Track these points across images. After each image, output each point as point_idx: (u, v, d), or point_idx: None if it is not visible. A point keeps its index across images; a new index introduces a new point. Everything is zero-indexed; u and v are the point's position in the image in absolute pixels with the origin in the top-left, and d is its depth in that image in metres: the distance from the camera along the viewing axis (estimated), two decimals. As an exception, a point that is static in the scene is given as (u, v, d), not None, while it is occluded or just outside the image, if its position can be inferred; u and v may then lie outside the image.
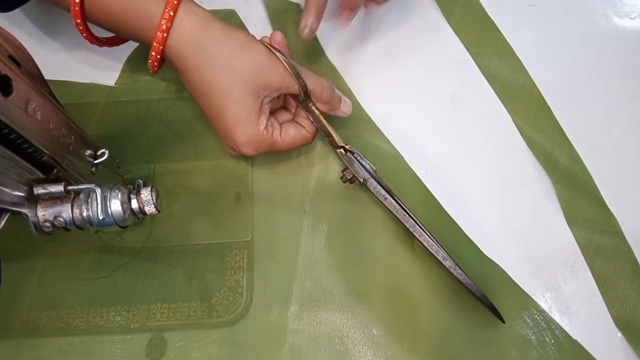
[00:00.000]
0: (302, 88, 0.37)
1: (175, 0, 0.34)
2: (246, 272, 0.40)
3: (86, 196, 0.30)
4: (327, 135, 0.40)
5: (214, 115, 0.37)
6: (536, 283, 0.40)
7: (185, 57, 0.35)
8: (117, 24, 0.36)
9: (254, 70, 0.36)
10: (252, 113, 0.36)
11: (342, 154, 0.40)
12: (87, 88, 0.45)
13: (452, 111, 0.45)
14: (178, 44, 0.35)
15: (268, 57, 0.36)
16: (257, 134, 0.37)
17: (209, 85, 0.36)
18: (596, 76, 0.46)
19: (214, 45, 0.35)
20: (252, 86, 0.36)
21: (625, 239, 0.41)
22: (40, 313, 0.38)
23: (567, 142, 0.43)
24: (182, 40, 0.35)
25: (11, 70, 0.26)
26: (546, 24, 0.48)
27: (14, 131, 0.26)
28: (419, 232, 0.38)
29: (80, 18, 0.36)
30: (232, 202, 0.42)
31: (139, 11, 0.35)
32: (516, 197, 0.42)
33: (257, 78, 0.36)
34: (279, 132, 0.38)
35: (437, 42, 0.47)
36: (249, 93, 0.36)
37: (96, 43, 0.39)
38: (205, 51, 0.35)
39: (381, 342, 0.38)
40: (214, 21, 0.36)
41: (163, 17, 0.34)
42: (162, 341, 0.38)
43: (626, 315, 0.39)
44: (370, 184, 0.39)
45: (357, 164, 0.39)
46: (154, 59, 0.36)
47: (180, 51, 0.35)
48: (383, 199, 0.39)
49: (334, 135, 0.40)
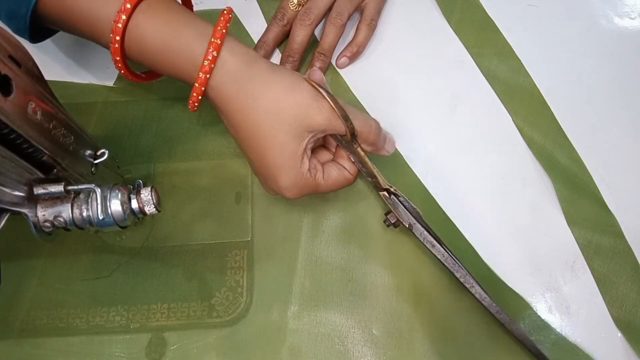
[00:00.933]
0: (350, 130, 0.35)
1: (218, 40, 0.33)
2: (246, 272, 0.40)
3: (86, 196, 0.30)
4: (370, 177, 0.37)
5: (256, 158, 0.36)
6: (536, 283, 0.40)
7: (228, 99, 0.34)
8: (157, 62, 0.35)
9: (300, 112, 0.34)
10: (296, 156, 0.35)
11: (386, 197, 0.37)
12: (86, 88, 0.45)
13: (452, 111, 0.45)
14: (220, 86, 0.34)
15: (314, 98, 0.34)
16: (301, 177, 0.35)
17: (251, 128, 0.34)
18: (596, 76, 0.46)
19: (257, 87, 0.34)
20: (297, 129, 0.34)
21: (625, 239, 0.41)
22: (40, 313, 0.38)
23: (567, 142, 0.43)
24: (224, 81, 0.34)
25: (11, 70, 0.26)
26: (546, 24, 0.48)
27: (14, 131, 0.26)
28: (470, 283, 0.36)
29: (119, 55, 0.34)
30: (232, 202, 0.42)
31: (181, 50, 0.33)
32: (516, 197, 0.42)
33: (302, 120, 0.34)
34: (322, 175, 0.37)
35: (437, 42, 0.47)
36: (293, 136, 0.34)
37: (133, 79, 0.38)
38: (249, 93, 0.34)
39: (381, 342, 0.38)
40: (257, 60, 0.35)
41: (206, 57, 0.33)
42: (162, 341, 0.38)
43: (626, 315, 0.39)
44: (416, 230, 0.37)
45: (402, 208, 0.37)
46: (194, 100, 0.35)
47: (222, 92, 0.34)
48: (430, 247, 0.37)
49: (378, 177, 0.37)
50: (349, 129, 0.35)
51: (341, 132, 0.35)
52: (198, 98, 0.34)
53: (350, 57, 0.46)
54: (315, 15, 0.44)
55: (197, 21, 0.34)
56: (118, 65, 0.35)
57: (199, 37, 0.33)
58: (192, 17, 0.35)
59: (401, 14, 0.48)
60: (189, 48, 0.33)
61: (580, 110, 0.45)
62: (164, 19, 0.34)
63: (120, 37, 0.33)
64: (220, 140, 0.44)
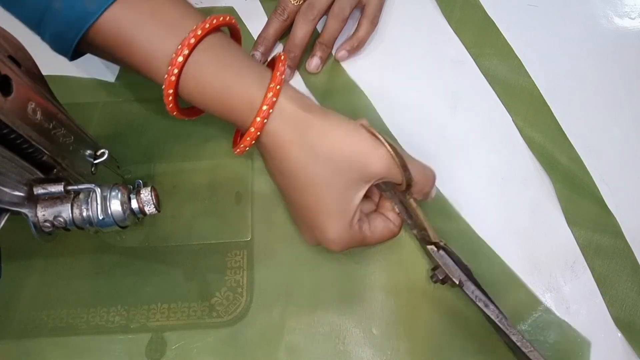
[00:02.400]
0: (407, 180, 0.33)
1: (277, 86, 0.32)
2: (246, 272, 0.40)
3: (86, 196, 0.30)
4: (420, 229, 0.35)
5: (305, 207, 0.34)
6: (536, 283, 0.40)
7: (283, 146, 0.33)
8: (211, 102, 0.33)
9: (358, 161, 0.32)
10: (350, 206, 0.33)
11: (434, 251, 0.35)
12: (88, 85, 0.45)
13: (452, 111, 0.45)
14: (277, 131, 0.32)
15: (374, 146, 0.32)
16: (349, 229, 0.33)
17: (305, 176, 0.33)
18: (596, 76, 0.46)
19: (315, 135, 0.32)
20: (355, 178, 0.33)
21: (625, 239, 0.40)
22: (40, 313, 0.38)
23: (567, 142, 0.43)
24: (281, 127, 0.32)
25: (11, 70, 0.26)
26: (546, 24, 0.48)
27: (14, 131, 0.26)
28: (528, 347, 0.33)
29: (173, 89, 0.32)
30: (232, 202, 0.42)
31: (239, 93, 0.32)
32: (516, 197, 0.42)
33: (361, 169, 0.32)
34: (368, 226, 0.35)
35: (437, 42, 0.47)
36: (350, 185, 0.33)
37: (179, 115, 0.36)
38: (306, 141, 0.32)
39: (381, 342, 0.38)
40: (313, 107, 0.33)
41: (264, 102, 0.32)
42: (162, 341, 0.38)
43: (626, 315, 0.39)
44: (467, 288, 0.35)
45: (452, 263, 0.35)
46: (247, 144, 0.33)
47: (278, 139, 0.33)
48: (483, 306, 0.34)
49: (429, 230, 0.35)
50: (406, 179, 0.33)
51: (398, 181, 0.33)
52: (251, 143, 0.33)
53: (350, 50, 0.46)
54: (318, 10, 0.44)
55: (254, 65, 0.34)
56: (168, 99, 0.33)
57: (258, 81, 0.32)
58: (249, 60, 0.34)
59: (401, 14, 0.49)
60: (248, 92, 0.32)
61: (580, 110, 0.45)
62: (225, 61, 0.32)
63: (179, 71, 0.31)
64: (220, 140, 0.44)
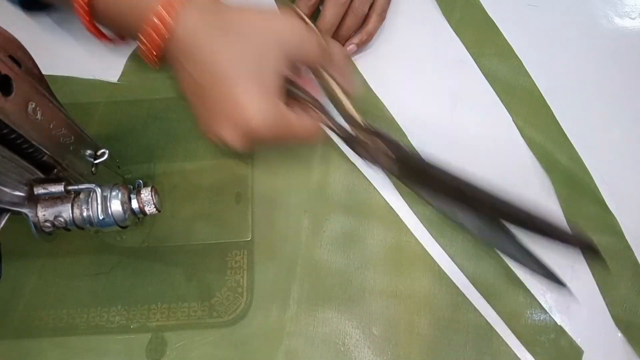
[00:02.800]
0: (322, 47, 0.36)
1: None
2: (246, 272, 0.40)
3: (86, 196, 0.30)
4: (346, 115, 0.38)
5: (220, 91, 0.33)
6: (536, 283, 0.40)
7: (197, 33, 0.33)
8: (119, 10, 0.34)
9: (272, 30, 0.34)
10: (268, 75, 0.33)
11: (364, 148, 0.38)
12: (89, 84, 0.45)
13: (452, 111, 0.45)
14: (194, 20, 0.33)
15: (286, 17, 0.35)
16: (271, 101, 0.33)
17: (221, 57, 0.33)
18: (596, 76, 0.46)
19: (228, 17, 0.34)
20: (269, 45, 0.33)
21: (625, 239, 0.40)
22: (39, 313, 0.38)
23: (567, 142, 0.43)
24: (197, 15, 0.33)
25: (11, 70, 0.26)
26: (546, 24, 0.48)
27: (14, 131, 0.26)
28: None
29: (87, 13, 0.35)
30: (232, 202, 0.42)
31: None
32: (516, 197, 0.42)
33: (275, 38, 0.33)
34: (294, 114, 0.35)
35: (437, 42, 0.47)
36: (265, 55, 0.33)
37: (102, 38, 0.38)
38: (219, 25, 0.33)
39: (381, 342, 0.38)
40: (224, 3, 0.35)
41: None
42: (162, 341, 0.38)
43: (626, 315, 0.39)
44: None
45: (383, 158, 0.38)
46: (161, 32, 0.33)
47: (194, 26, 0.33)
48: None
49: (355, 115, 0.38)
50: (321, 46, 0.35)
51: (314, 52, 0.35)
52: (165, 33, 0.33)
53: (359, 44, 0.46)
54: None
55: None
56: (81, 14, 0.35)
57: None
58: None
59: (401, 14, 0.48)
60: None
61: (580, 110, 0.45)
62: None
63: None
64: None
